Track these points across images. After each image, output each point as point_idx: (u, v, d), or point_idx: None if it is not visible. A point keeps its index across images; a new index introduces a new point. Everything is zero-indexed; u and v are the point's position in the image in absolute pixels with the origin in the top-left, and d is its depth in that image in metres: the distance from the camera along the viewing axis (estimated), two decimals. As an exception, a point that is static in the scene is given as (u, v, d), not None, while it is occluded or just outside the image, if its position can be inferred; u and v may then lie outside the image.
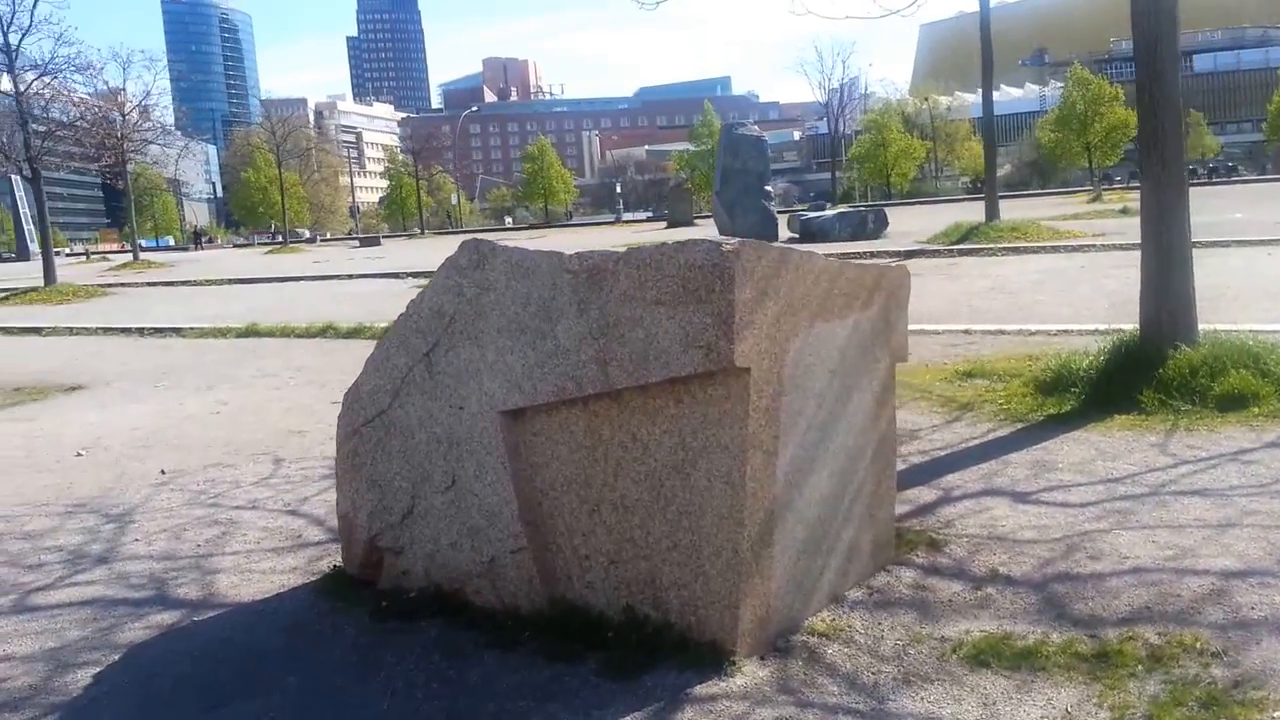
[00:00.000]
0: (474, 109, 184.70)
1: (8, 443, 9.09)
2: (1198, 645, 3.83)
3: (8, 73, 29.44)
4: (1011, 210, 30.63)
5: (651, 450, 4.10)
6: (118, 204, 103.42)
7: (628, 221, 71.20)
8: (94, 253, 67.03)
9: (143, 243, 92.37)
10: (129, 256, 50.05)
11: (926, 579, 4.62)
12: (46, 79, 30.53)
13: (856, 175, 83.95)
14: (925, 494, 5.81)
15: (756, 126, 36.89)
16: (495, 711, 3.68)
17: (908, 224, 30.25)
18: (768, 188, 33.06)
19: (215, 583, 5.16)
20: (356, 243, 46.73)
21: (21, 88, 29.07)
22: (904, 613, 4.30)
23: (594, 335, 4.10)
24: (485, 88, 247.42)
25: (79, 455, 8.29)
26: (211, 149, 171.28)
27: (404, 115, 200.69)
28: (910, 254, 22.75)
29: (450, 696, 3.84)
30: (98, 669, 4.24)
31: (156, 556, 5.60)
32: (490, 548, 4.50)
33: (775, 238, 31.78)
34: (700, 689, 3.72)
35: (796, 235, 31.94)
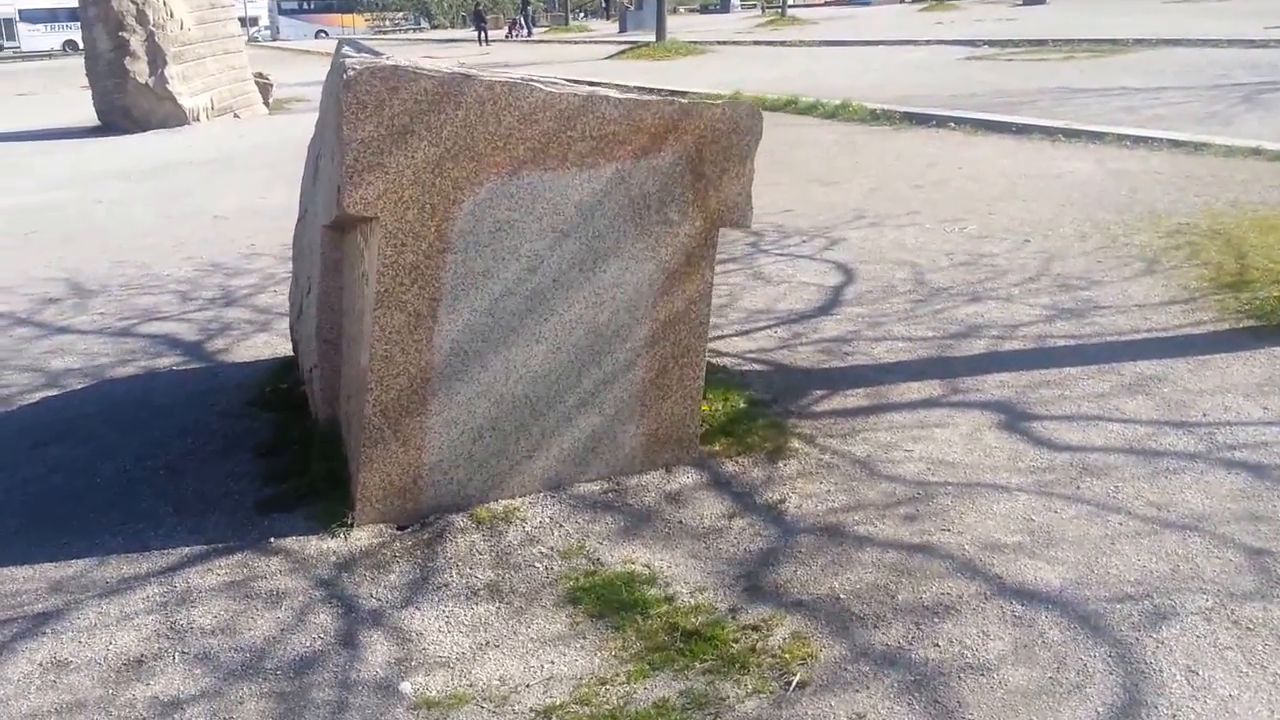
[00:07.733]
0: None
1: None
2: (798, 662, 2.89)
3: None
4: None
5: (364, 292, 3.87)
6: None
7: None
8: (769, 7, 69.23)
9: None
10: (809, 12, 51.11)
11: (696, 492, 3.82)
12: None
13: None
14: (926, 390, 4.62)
15: None
16: (152, 510, 3.91)
17: None
18: None
19: (244, 342, 5.82)
20: (1020, 2, 42.93)
21: None
22: (606, 521, 3.67)
23: (336, 161, 3.87)
24: None
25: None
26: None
27: None
28: None
29: (155, 485, 4.11)
30: (57, 392, 5.16)
31: (254, 308, 6.43)
32: (310, 358, 4.59)
33: None
34: (287, 541, 3.64)
35: None
